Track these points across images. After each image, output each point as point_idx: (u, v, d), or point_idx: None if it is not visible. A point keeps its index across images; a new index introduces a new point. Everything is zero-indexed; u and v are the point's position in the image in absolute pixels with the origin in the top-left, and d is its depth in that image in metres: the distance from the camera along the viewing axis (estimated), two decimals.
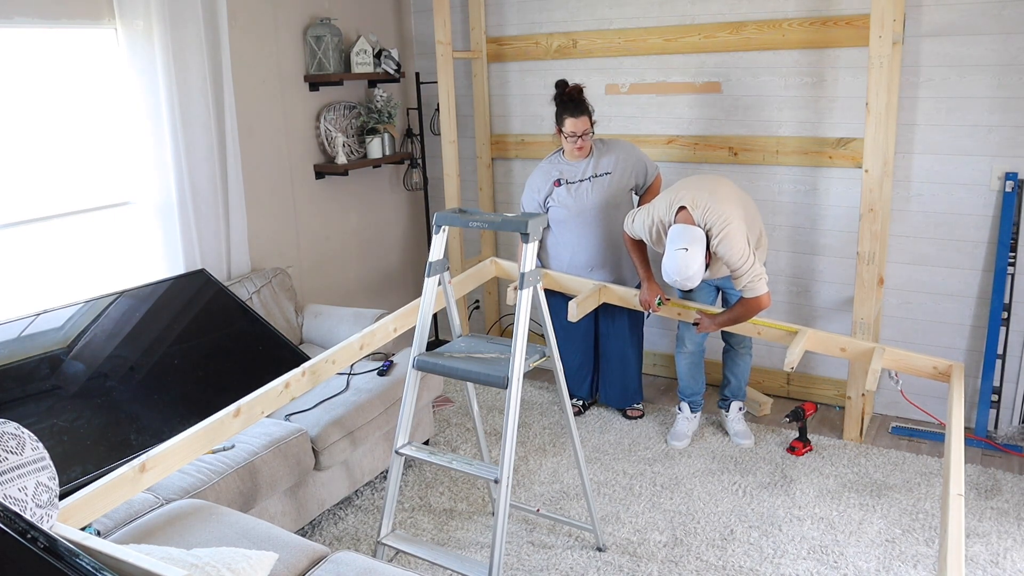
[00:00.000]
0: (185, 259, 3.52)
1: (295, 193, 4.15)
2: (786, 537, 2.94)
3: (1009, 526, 2.97)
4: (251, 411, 2.42)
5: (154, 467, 2.18)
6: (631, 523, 3.05)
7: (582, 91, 3.53)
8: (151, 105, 3.31)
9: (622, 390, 3.91)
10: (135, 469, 2.14)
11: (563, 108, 3.52)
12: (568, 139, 3.55)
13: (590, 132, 3.55)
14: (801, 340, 3.06)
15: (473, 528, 3.06)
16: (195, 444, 2.28)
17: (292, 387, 2.53)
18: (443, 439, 3.77)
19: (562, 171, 3.66)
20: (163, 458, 2.19)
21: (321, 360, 2.63)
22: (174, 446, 2.22)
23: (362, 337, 2.77)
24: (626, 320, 3.81)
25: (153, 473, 2.18)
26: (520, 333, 2.32)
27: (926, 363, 3.06)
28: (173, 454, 2.22)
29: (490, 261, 3.52)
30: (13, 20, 2.90)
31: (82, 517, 2.04)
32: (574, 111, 3.50)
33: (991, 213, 3.50)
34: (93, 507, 2.06)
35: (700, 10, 3.88)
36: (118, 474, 2.12)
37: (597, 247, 3.67)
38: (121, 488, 2.12)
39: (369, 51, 4.26)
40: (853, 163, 3.68)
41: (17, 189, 3.04)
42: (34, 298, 3.10)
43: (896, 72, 3.49)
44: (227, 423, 2.36)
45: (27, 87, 3.03)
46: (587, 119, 3.51)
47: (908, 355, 3.07)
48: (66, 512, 2.01)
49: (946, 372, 3.04)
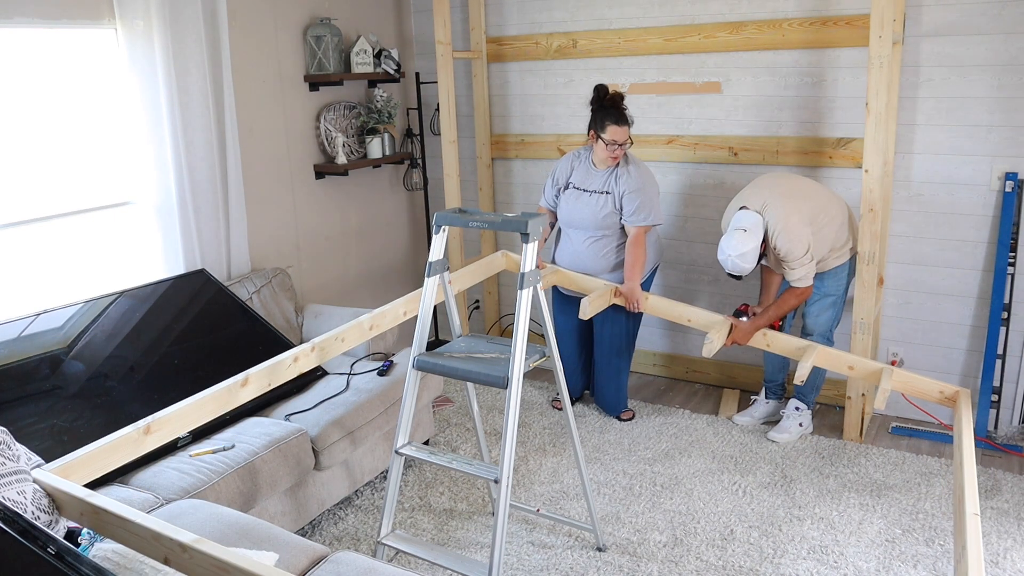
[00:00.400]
0: (185, 259, 3.52)
1: (295, 193, 4.15)
2: (786, 537, 2.94)
3: (1009, 526, 2.97)
4: (259, 381, 2.39)
5: (159, 430, 2.14)
6: (631, 523, 3.05)
7: (624, 98, 3.49)
8: (151, 105, 3.31)
9: (615, 399, 3.92)
10: (139, 431, 2.11)
11: (606, 114, 3.45)
12: (608, 146, 3.47)
13: (628, 143, 3.50)
14: (811, 355, 3.13)
15: (473, 528, 3.06)
16: (201, 410, 2.24)
17: (300, 361, 2.51)
18: (443, 439, 3.77)
19: (578, 170, 3.65)
20: (168, 421, 2.16)
21: (330, 337, 2.60)
22: (180, 410, 2.18)
23: (372, 317, 2.73)
24: (623, 326, 3.80)
25: (157, 436, 2.14)
26: (520, 333, 2.32)
27: (932, 387, 3.11)
28: (179, 418, 2.18)
29: (501, 254, 3.49)
30: (13, 20, 2.90)
31: (83, 474, 2.02)
32: (619, 119, 3.44)
33: (991, 213, 3.50)
34: (94, 465, 2.05)
35: (700, 10, 3.88)
36: (122, 434, 2.09)
37: (577, 256, 3.68)
38: (124, 448, 2.10)
39: (369, 51, 4.26)
40: (853, 163, 3.68)
41: (17, 189, 3.04)
42: (34, 298, 3.10)
43: (896, 72, 3.49)
44: (235, 391, 2.33)
45: (27, 87, 3.03)
46: (628, 129, 3.46)
47: (914, 378, 3.11)
48: (67, 468, 1.98)
49: (952, 397, 3.08)
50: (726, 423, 3.85)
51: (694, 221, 4.16)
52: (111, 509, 1.76)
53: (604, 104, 3.48)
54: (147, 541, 1.70)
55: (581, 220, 3.62)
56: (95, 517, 1.80)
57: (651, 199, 3.56)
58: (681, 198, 4.16)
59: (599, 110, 3.49)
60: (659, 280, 4.32)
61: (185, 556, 1.62)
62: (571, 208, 3.64)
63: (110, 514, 1.76)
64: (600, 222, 3.59)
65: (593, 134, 3.51)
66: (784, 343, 3.29)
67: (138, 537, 1.72)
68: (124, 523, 1.73)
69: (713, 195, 4.08)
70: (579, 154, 3.69)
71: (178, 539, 1.63)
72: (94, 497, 1.82)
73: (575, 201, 3.63)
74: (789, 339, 3.29)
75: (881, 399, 2.97)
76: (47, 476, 1.93)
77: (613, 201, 3.56)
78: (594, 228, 3.62)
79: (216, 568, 1.58)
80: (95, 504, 1.80)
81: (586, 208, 3.60)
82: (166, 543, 1.66)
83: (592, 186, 3.60)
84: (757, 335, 3.33)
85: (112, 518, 1.76)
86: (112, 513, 1.75)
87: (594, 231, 3.62)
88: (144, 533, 1.70)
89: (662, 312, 3.49)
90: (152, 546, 1.69)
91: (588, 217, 3.60)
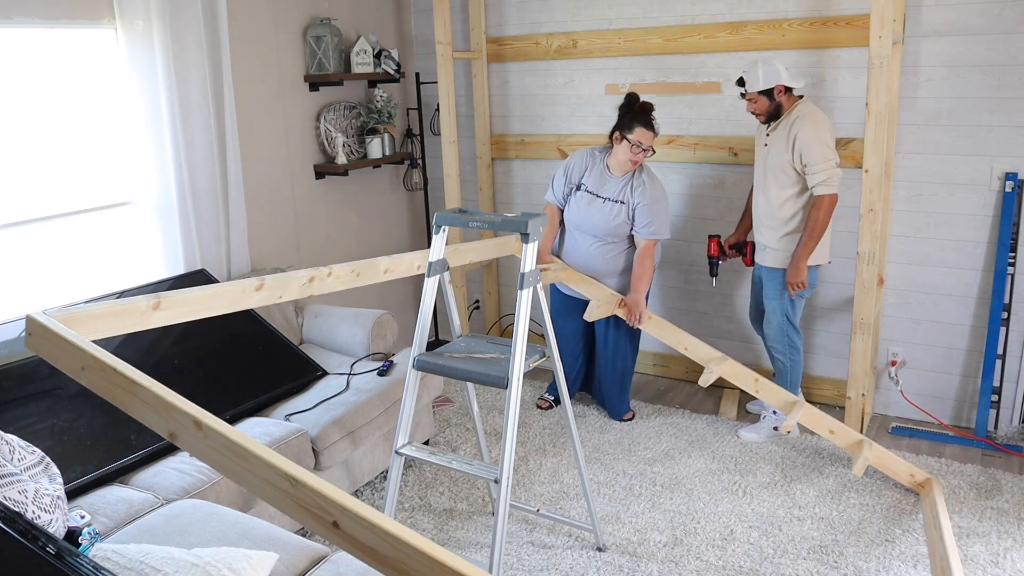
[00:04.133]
0: (185, 259, 3.52)
1: (295, 193, 4.15)
2: (786, 537, 2.94)
3: (1009, 526, 2.97)
4: (272, 290, 2.32)
5: (168, 308, 2.06)
6: (631, 523, 3.05)
7: (654, 109, 3.49)
8: (151, 105, 3.31)
9: (619, 404, 3.92)
10: (149, 303, 2.02)
11: (635, 117, 3.45)
12: (632, 147, 3.45)
13: (651, 151, 3.50)
14: (797, 412, 3.20)
15: (473, 528, 3.06)
16: (212, 301, 2.17)
17: (315, 282, 2.47)
18: (443, 439, 3.77)
19: (592, 173, 3.62)
20: (178, 302, 2.09)
21: (346, 267, 2.55)
22: (191, 294, 2.12)
23: (390, 260, 2.70)
24: (624, 332, 3.80)
25: (164, 314, 2.06)
26: (520, 333, 2.32)
27: (904, 468, 3.21)
28: (189, 301, 2.11)
29: (516, 238, 3.39)
30: (13, 20, 2.90)
31: (84, 330, 1.89)
32: (647, 123, 3.44)
33: (991, 213, 3.51)
34: (97, 325, 1.93)
35: (700, 10, 3.88)
36: (131, 301, 1.99)
37: (586, 260, 3.67)
38: (130, 317, 1.99)
39: (369, 51, 4.26)
40: (853, 163, 3.68)
41: (17, 189, 3.04)
42: (34, 298, 3.10)
43: (896, 72, 3.49)
44: (248, 291, 2.24)
45: (27, 87, 3.03)
46: (653, 136, 3.46)
47: (888, 455, 3.21)
48: (71, 319, 1.86)
49: (923, 484, 3.18)
50: (726, 423, 3.85)
51: (694, 221, 4.16)
52: (119, 368, 1.59)
53: (634, 109, 3.47)
54: (155, 412, 1.55)
55: (592, 226, 3.61)
56: (99, 374, 1.63)
57: (663, 213, 3.58)
58: (681, 198, 4.16)
59: (628, 114, 3.48)
60: (659, 280, 4.32)
61: (199, 435, 1.48)
62: (583, 212, 3.63)
63: (117, 373, 1.59)
64: (612, 230, 3.59)
65: (618, 135, 3.49)
66: (775, 395, 3.30)
67: (144, 404, 1.57)
68: (132, 386, 1.57)
69: (713, 195, 4.08)
70: (594, 155, 3.66)
71: (193, 414, 1.48)
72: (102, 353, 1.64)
73: (587, 206, 3.61)
74: (779, 391, 3.30)
75: (860, 467, 3.10)
76: (50, 321, 1.75)
77: (627, 211, 3.56)
78: (604, 235, 3.61)
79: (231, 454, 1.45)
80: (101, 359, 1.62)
81: (598, 214, 3.59)
82: (178, 417, 1.51)
83: (606, 193, 3.58)
84: (748, 379, 3.31)
85: (119, 378, 1.59)
86: (119, 372, 1.58)
87: (604, 237, 3.62)
88: (153, 401, 1.55)
89: (661, 335, 3.48)
90: (159, 418, 1.55)
91: (600, 223, 3.59)
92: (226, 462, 1.47)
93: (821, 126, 3.26)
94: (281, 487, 1.39)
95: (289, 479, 1.37)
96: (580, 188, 3.65)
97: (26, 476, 1.89)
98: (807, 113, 3.29)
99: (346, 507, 1.31)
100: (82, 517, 2.15)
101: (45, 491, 1.89)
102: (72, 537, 1.97)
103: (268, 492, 1.41)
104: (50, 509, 1.85)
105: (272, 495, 1.41)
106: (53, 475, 2.02)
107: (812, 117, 3.28)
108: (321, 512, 1.34)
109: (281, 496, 1.39)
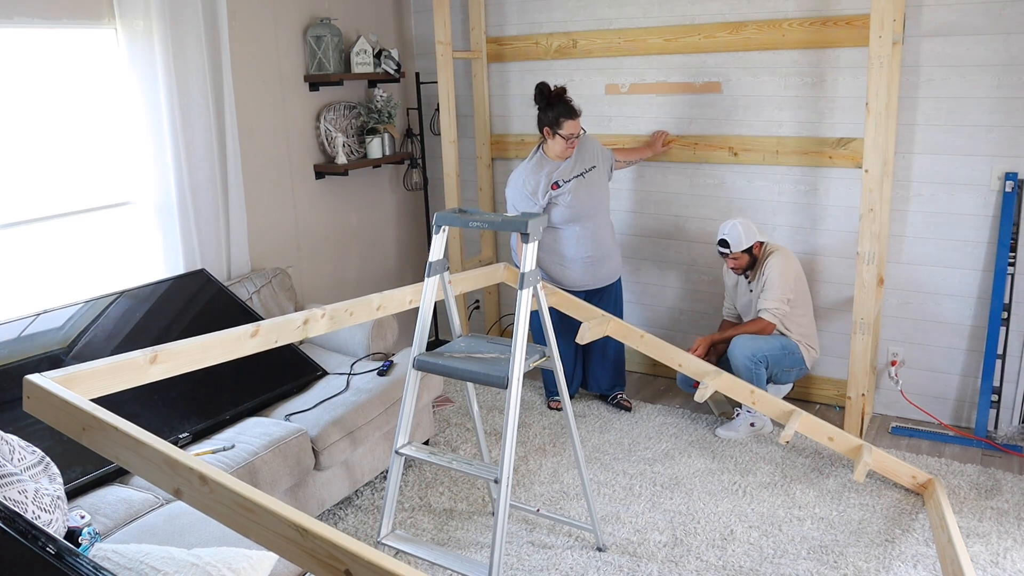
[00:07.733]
0: (185, 259, 3.51)
1: (295, 193, 4.15)
2: (786, 537, 2.94)
3: (1009, 526, 2.97)
4: (268, 335, 2.35)
5: (164, 361, 2.08)
6: (631, 523, 3.05)
7: (566, 91, 3.62)
8: (151, 105, 3.31)
9: (612, 375, 4.00)
10: (146, 358, 2.03)
11: (559, 110, 3.57)
12: (566, 140, 3.60)
13: (582, 132, 3.64)
14: (795, 422, 3.20)
15: (473, 528, 3.06)
16: (208, 351, 2.19)
17: (310, 324, 2.49)
18: (443, 439, 3.77)
19: (552, 172, 3.68)
20: (174, 354, 2.10)
21: (339, 307, 2.57)
22: (187, 346, 2.13)
23: (382, 297, 2.74)
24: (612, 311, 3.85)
25: (161, 368, 2.08)
26: (520, 333, 2.32)
27: (905, 471, 3.21)
28: (185, 353, 2.13)
29: (503, 266, 3.41)
30: (13, 20, 2.90)
31: (82, 389, 1.91)
32: (571, 113, 3.58)
33: (991, 213, 3.51)
34: (94, 383, 1.94)
35: (700, 10, 3.88)
36: (128, 357, 2.01)
37: (598, 240, 3.76)
38: (127, 372, 2.01)
39: (369, 51, 4.26)
40: (853, 163, 3.68)
41: (17, 189, 3.04)
42: (34, 298, 3.10)
43: (896, 72, 3.49)
44: (243, 339, 2.28)
45: (27, 87, 3.03)
46: (579, 120, 3.60)
47: (889, 458, 3.20)
48: (68, 379, 1.88)
49: (926, 485, 3.18)
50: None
51: (694, 221, 4.16)
52: (121, 427, 1.55)
53: (551, 101, 3.58)
54: (159, 469, 1.52)
55: (601, 200, 3.76)
56: (101, 434, 1.61)
57: (596, 140, 3.84)
58: (681, 198, 4.16)
59: (548, 108, 3.59)
60: (659, 280, 4.32)
61: (204, 489, 1.46)
62: (587, 193, 3.69)
63: (119, 432, 1.55)
64: (603, 188, 3.77)
65: (548, 131, 3.62)
66: (772, 405, 3.29)
67: (147, 462, 1.53)
68: (135, 444, 1.52)
69: (713, 195, 4.08)
70: (537, 161, 3.71)
71: (198, 470, 1.45)
72: (103, 412, 1.63)
73: (587, 186, 3.68)
74: (776, 401, 3.29)
75: (862, 472, 3.07)
76: (48, 383, 1.76)
77: (607, 166, 3.80)
78: (606, 204, 3.79)
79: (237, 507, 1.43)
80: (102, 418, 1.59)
81: (595, 185, 3.71)
82: (183, 473, 1.48)
83: (580, 169, 3.69)
84: (744, 391, 3.30)
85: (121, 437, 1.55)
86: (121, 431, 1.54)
87: (605, 210, 3.79)
88: (157, 459, 1.51)
89: (655, 353, 3.45)
90: (163, 475, 1.52)
91: (602, 192, 3.76)
92: (233, 516, 1.45)
93: (790, 263, 3.60)
94: (290, 537, 1.37)
95: (298, 529, 1.36)
96: (561, 185, 3.67)
97: (26, 476, 1.89)
98: (776, 249, 3.64)
99: (358, 555, 1.30)
100: (82, 517, 2.15)
101: (45, 491, 1.89)
102: (72, 537, 1.97)
103: (277, 543, 1.40)
104: (50, 509, 1.85)
105: (281, 546, 1.39)
106: (53, 475, 2.02)
107: (782, 252, 3.62)
108: (332, 561, 1.33)
109: (291, 547, 1.38)
